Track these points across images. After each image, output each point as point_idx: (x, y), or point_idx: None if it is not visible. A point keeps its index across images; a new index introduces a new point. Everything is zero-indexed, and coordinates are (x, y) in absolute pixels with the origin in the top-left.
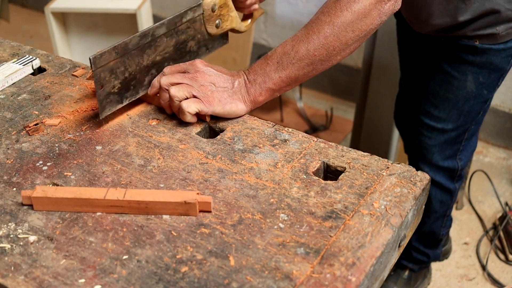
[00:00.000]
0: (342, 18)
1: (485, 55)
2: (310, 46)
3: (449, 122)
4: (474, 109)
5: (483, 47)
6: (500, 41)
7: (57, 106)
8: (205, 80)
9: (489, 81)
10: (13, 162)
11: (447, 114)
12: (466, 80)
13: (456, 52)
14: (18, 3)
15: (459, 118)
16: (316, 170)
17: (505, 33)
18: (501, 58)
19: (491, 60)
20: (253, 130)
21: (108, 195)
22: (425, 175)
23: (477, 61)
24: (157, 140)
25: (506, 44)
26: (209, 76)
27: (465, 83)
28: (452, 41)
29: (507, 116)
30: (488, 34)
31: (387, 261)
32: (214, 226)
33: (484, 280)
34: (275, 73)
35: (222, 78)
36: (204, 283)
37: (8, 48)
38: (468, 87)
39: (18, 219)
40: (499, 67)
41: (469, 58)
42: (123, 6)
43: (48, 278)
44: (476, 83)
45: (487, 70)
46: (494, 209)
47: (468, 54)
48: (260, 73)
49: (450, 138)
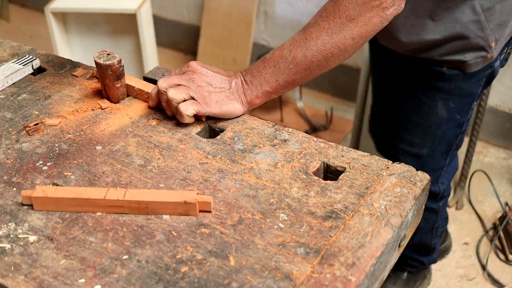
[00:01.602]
0: (341, 26)
1: (454, 82)
2: (308, 52)
3: (423, 147)
4: (448, 133)
5: (452, 73)
6: (468, 70)
7: (57, 106)
8: (202, 81)
9: (461, 106)
10: (13, 162)
11: (421, 140)
12: (436, 106)
13: (425, 78)
14: (18, 3)
15: (433, 143)
16: (316, 170)
17: (474, 62)
18: (471, 83)
19: (461, 86)
20: (253, 130)
21: (108, 195)
22: (425, 175)
23: (446, 87)
24: (157, 140)
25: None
26: (206, 77)
27: (435, 109)
28: (420, 65)
29: (507, 116)
30: (456, 60)
31: (387, 261)
32: (214, 226)
33: (484, 280)
34: (272, 77)
35: (219, 78)
36: (204, 283)
37: (8, 48)
38: (439, 112)
39: (18, 219)
40: (470, 92)
41: (438, 84)
42: (123, 6)
43: (48, 278)
44: (447, 109)
45: (457, 96)
46: (494, 209)
47: (436, 80)
48: (257, 75)
49: (427, 163)
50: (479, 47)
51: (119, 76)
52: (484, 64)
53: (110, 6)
